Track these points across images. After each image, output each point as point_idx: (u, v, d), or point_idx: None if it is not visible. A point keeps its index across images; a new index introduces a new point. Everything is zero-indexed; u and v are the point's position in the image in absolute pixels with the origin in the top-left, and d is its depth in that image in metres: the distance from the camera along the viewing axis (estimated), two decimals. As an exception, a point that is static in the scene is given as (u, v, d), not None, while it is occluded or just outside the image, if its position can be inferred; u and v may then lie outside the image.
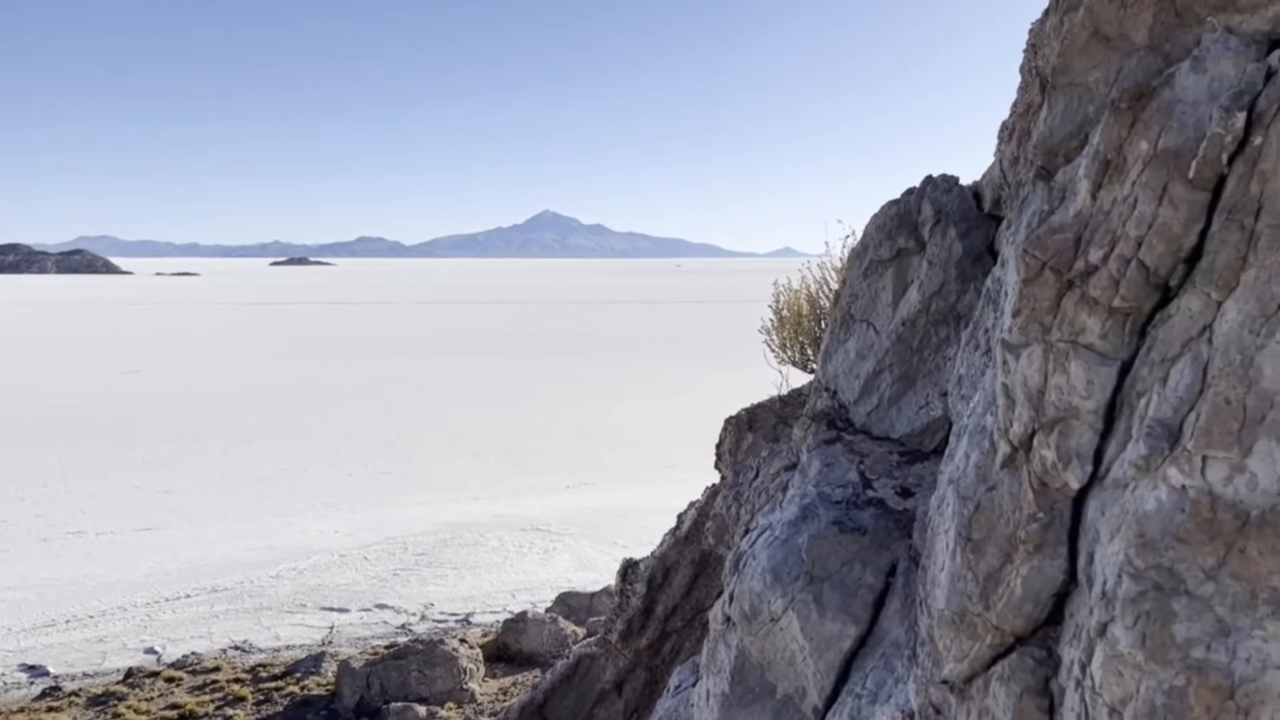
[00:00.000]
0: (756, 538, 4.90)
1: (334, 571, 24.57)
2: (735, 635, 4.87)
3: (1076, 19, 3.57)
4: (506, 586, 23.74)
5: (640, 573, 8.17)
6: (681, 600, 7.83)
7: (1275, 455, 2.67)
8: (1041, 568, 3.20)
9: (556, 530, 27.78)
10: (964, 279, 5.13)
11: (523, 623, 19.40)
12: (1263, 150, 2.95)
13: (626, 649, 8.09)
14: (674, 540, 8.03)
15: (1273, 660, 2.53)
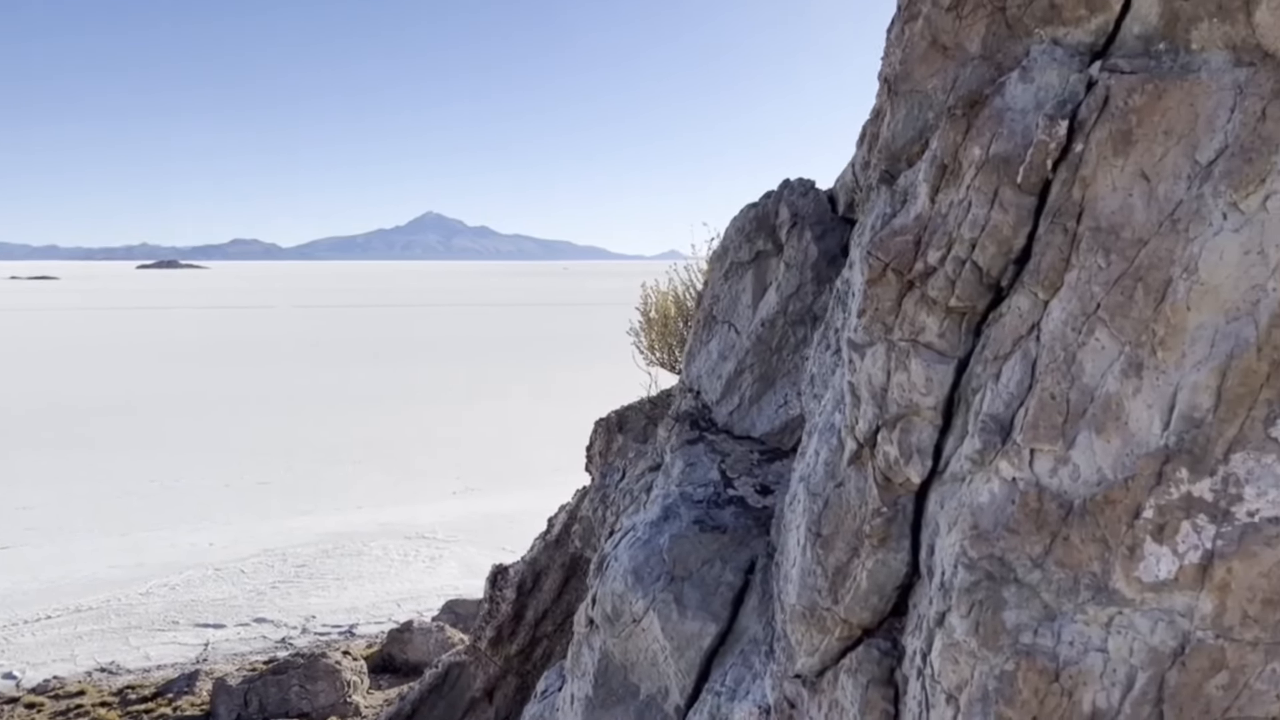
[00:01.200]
0: (620, 539, 4.91)
1: (209, 586, 23.71)
2: (599, 638, 4.88)
3: (916, 28, 3.69)
4: (391, 596, 23.30)
5: (510, 578, 8.13)
6: (552, 605, 7.82)
7: (1095, 447, 2.79)
8: (886, 561, 3.29)
9: (443, 537, 27.40)
10: (820, 280, 5.26)
11: (408, 632, 19.07)
12: (1084, 157, 3.09)
13: (497, 656, 8.04)
14: (544, 544, 8.02)
15: (1094, 643, 2.65)
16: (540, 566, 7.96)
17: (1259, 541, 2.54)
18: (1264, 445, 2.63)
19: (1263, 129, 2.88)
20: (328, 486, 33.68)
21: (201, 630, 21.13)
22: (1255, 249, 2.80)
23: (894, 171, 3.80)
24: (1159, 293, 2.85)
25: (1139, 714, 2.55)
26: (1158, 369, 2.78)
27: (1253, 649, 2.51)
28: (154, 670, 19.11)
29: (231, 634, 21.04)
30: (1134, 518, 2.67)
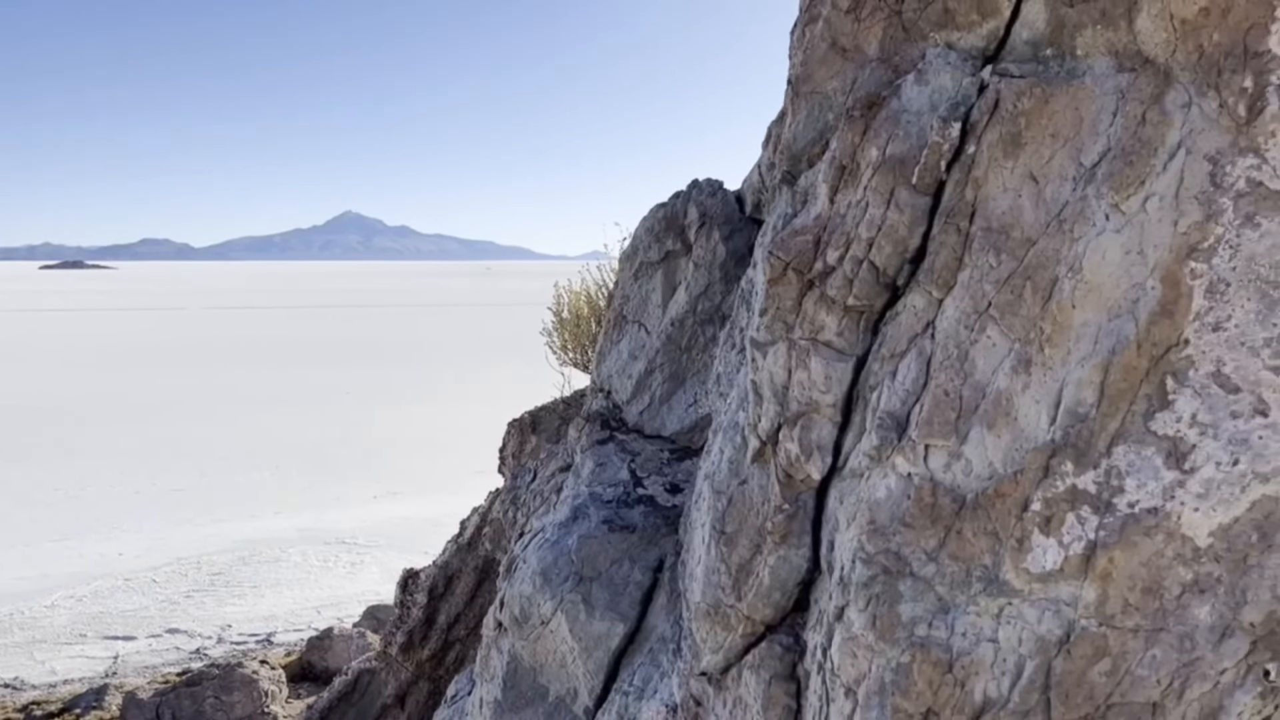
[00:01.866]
0: (529, 541, 4.89)
1: (118, 597, 22.93)
2: (507, 640, 4.85)
3: (816, 30, 3.73)
4: (311, 603, 22.81)
5: (421, 583, 8.04)
6: (465, 609, 7.75)
7: (987, 442, 2.86)
8: (787, 557, 3.32)
9: (364, 542, 26.92)
10: (728, 280, 5.30)
11: (328, 639, 18.69)
12: (976, 158, 3.16)
13: (408, 661, 7.94)
14: (456, 548, 7.95)
15: (985, 634, 2.71)
16: (452, 570, 7.89)
17: (1139, 531, 2.62)
18: (1144, 439, 2.72)
19: (1143, 133, 2.98)
20: (244, 492, 32.87)
21: (110, 643, 20.44)
22: (1135, 249, 2.89)
23: (795, 172, 3.84)
24: (1046, 291, 2.92)
25: (1027, 702, 2.61)
26: (1045, 365, 2.85)
27: (1133, 636, 2.59)
28: (60, 685, 18.43)
29: (142, 646, 20.40)
30: (1022, 510, 2.74)
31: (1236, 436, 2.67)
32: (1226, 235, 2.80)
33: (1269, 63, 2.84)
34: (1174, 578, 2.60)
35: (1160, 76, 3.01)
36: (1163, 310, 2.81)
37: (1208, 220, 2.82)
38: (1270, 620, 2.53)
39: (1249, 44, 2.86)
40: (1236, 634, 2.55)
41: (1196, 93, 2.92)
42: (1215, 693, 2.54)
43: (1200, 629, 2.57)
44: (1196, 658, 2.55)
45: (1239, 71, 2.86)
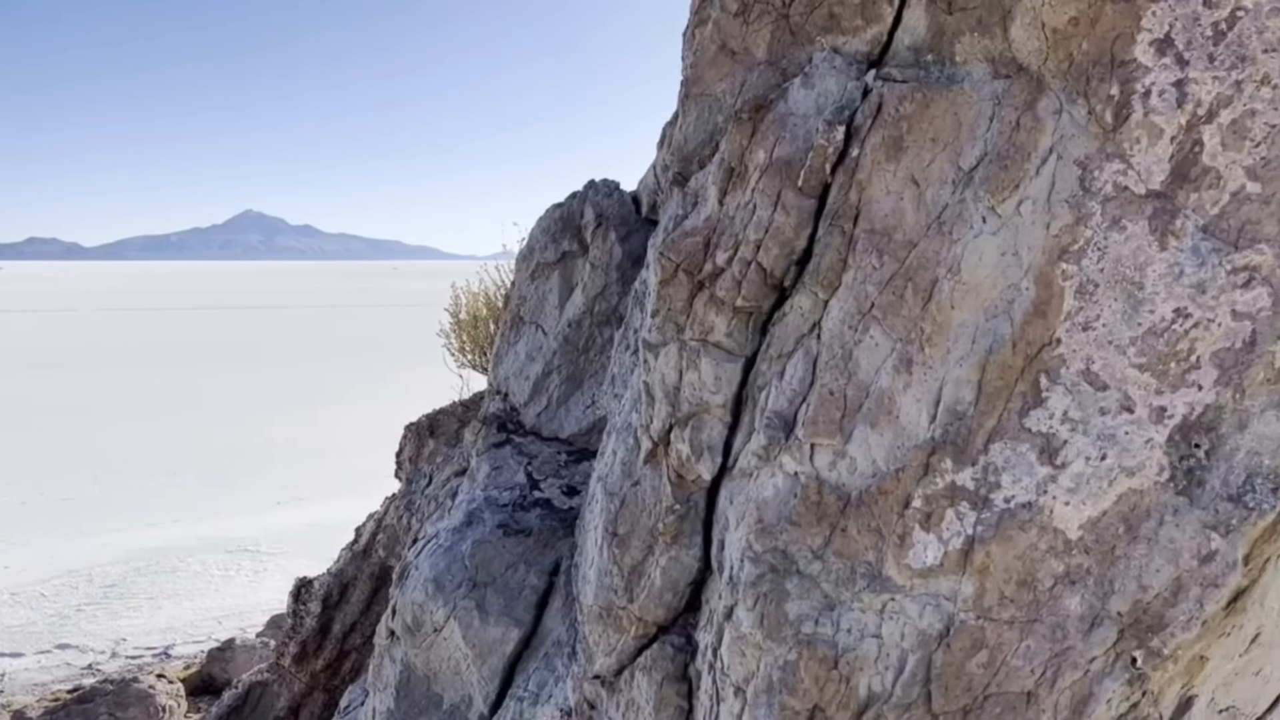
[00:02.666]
0: (422, 547, 4.81)
1: (3, 612, 21.88)
2: (400, 649, 4.77)
3: (706, 32, 3.75)
4: (212, 614, 22.10)
5: (315, 591, 7.87)
6: (360, 617, 7.61)
7: (870, 441, 2.90)
8: (679, 557, 3.33)
9: (267, 550, 26.18)
10: (625, 281, 5.31)
11: (229, 651, 18.13)
12: (860, 161, 3.21)
13: (302, 672, 7.77)
14: (351, 555, 7.80)
15: (869, 629, 2.75)
16: (347, 578, 7.74)
17: (1014, 526, 2.70)
18: (1019, 435, 2.80)
19: (1017, 138, 3.06)
20: (139, 500, 31.69)
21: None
22: (1011, 250, 2.97)
23: (686, 173, 3.86)
24: (926, 292, 2.98)
25: (909, 695, 2.66)
26: (925, 365, 2.91)
27: (1009, 627, 2.66)
28: (-61, 707, 17.56)
29: (31, 662, 19.51)
30: (904, 507, 2.79)
31: (1104, 432, 2.76)
32: (1095, 238, 2.89)
33: (1134, 71, 2.95)
34: (1047, 570, 2.68)
35: (1033, 83, 3.10)
36: (1036, 310, 2.90)
37: (1077, 223, 2.92)
38: (1136, 609, 2.63)
39: (1116, 53, 2.97)
40: (1105, 623, 2.64)
41: (1067, 100, 3.01)
42: (1085, 680, 2.62)
43: (1071, 619, 2.65)
44: (1068, 647, 2.63)
45: (1106, 79, 2.96)
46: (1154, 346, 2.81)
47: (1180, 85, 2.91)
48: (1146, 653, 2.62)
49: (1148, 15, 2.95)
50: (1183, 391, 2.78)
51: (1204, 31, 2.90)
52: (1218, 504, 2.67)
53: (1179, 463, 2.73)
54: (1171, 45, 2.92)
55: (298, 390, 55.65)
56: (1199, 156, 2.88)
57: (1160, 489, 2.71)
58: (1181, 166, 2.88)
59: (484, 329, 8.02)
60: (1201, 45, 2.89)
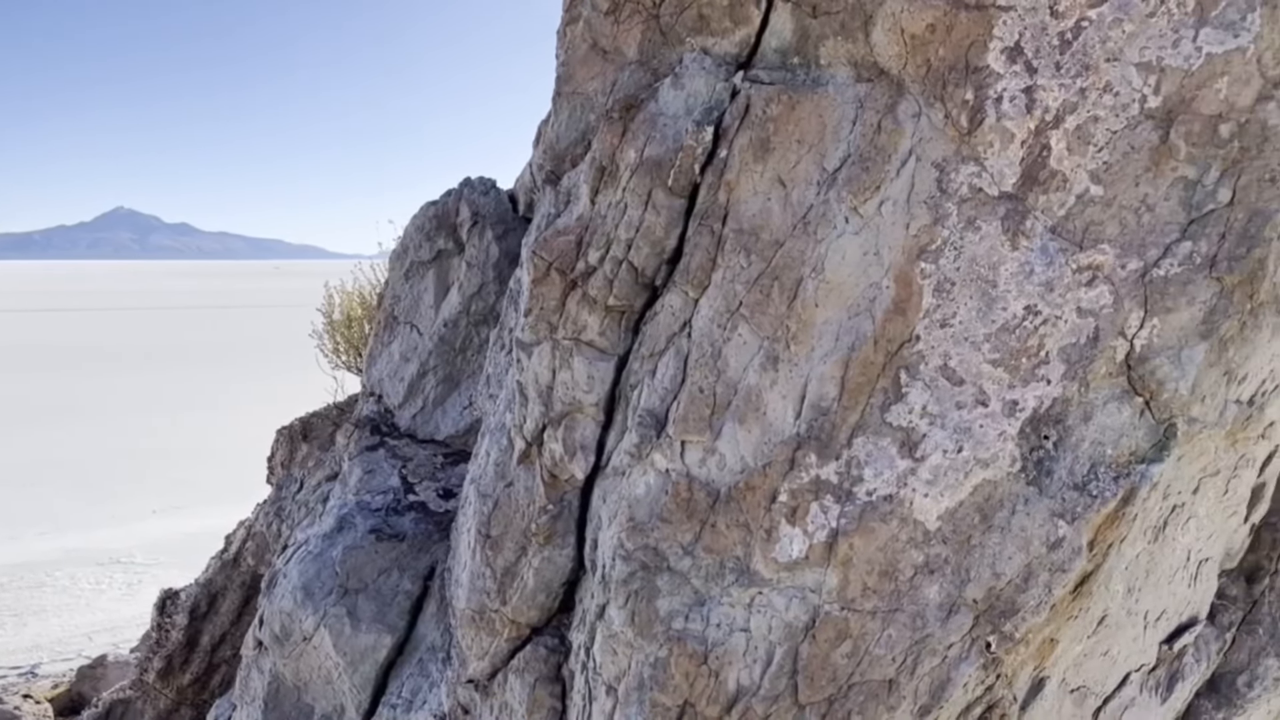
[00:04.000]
0: (291, 554, 4.68)
1: None
2: (268, 660, 4.63)
3: (577, 31, 3.75)
4: (82, 629, 21.00)
5: (181, 602, 7.58)
6: (230, 628, 7.36)
7: (739, 437, 2.93)
8: (552, 558, 3.31)
9: (142, 561, 25.02)
10: (502, 280, 5.26)
11: (101, 667, 17.25)
12: (728, 162, 3.25)
13: (167, 688, 7.47)
14: (220, 564, 7.54)
15: (738, 623, 2.78)
16: (216, 588, 7.47)
17: (876, 518, 2.77)
18: (880, 430, 2.87)
19: (878, 140, 3.14)
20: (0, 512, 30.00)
21: None
22: (872, 250, 3.05)
23: (559, 172, 3.84)
24: (792, 291, 3.04)
25: (776, 687, 2.71)
26: (791, 362, 2.96)
27: (872, 618, 2.73)
28: None
29: (-122, 689, 18.28)
30: (771, 502, 2.84)
31: (961, 425, 2.86)
32: (951, 238, 2.99)
33: (987, 77, 3.06)
34: (907, 560, 2.76)
35: (894, 87, 3.19)
36: (896, 308, 2.98)
37: (935, 224, 3.01)
38: (990, 595, 2.72)
39: (970, 59, 3.08)
40: (961, 610, 2.73)
41: (925, 104, 3.11)
42: (943, 666, 2.71)
43: (930, 607, 2.73)
44: (927, 635, 2.71)
45: (961, 85, 3.06)
46: (1006, 343, 2.92)
47: (1029, 92, 3.03)
48: (1000, 637, 2.72)
49: (999, 24, 3.06)
50: (1033, 386, 2.90)
51: (1051, 41, 3.03)
52: (1064, 493, 2.79)
53: (1029, 454, 2.85)
54: (1021, 53, 3.04)
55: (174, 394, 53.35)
56: (1047, 160, 3.01)
57: (1012, 479, 2.82)
58: (1031, 170, 3.01)
59: (359, 329, 7.84)
60: (1049, 54, 3.02)
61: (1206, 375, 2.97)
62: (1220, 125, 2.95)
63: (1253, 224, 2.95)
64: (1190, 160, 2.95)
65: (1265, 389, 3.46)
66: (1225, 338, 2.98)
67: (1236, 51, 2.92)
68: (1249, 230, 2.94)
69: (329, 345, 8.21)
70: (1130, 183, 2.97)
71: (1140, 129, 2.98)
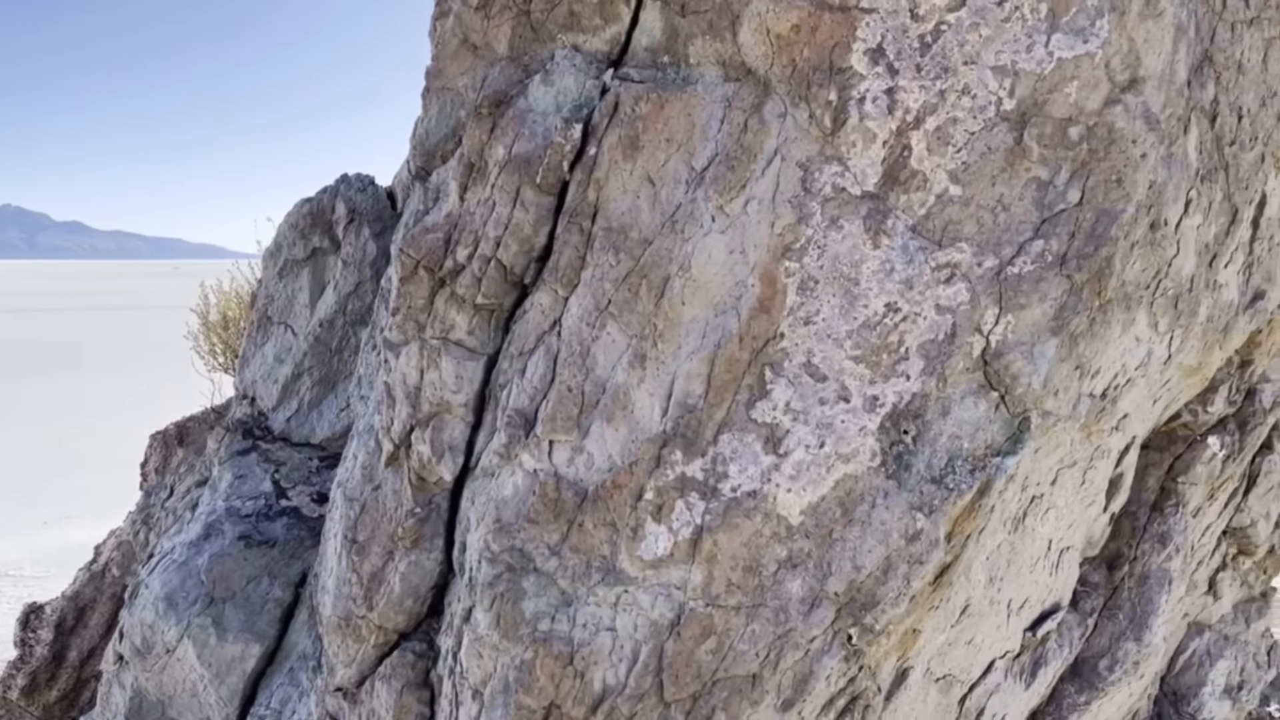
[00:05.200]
0: (155, 564, 4.51)
1: None
2: (130, 674, 4.45)
3: (447, 25, 3.69)
4: (-37, 648, 19.95)
5: (46, 617, 7.25)
6: (100, 642, 7.06)
7: (606, 436, 2.92)
8: (419, 562, 3.25)
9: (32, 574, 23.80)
10: (379, 279, 5.15)
11: (-37, 688, 16.43)
12: (597, 160, 3.23)
13: (32, 706, 7.14)
14: (89, 575, 7.23)
15: (604, 623, 2.77)
16: (85, 600, 7.16)
17: (740, 514, 2.78)
18: (746, 426, 2.89)
19: (745, 139, 3.17)
20: None
21: None
22: (738, 249, 3.07)
23: (429, 168, 3.78)
24: (659, 289, 3.04)
25: (641, 686, 2.70)
26: (658, 360, 2.96)
27: (736, 613, 2.74)
28: None
29: None
30: (637, 500, 2.83)
31: (823, 421, 2.90)
32: (815, 236, 3.03)
33: (850, 78, 3.11)
34: (771, 555, 2.78)
35: (760, 87, 3.22)
36: (761, 306, 3.01)
37: (799, 223, 3.05)
38: (851, 589, 2.77)
39: (834, 60, 3.12)
40: (823, 604, 2.76)
41: (791, 104, 3.14)
42: (806, 660, 2.74)
43: (793, 602, 2.76)
44: (790, 629, 2.74)
45: (825, 85, 3.10)
46: (868, 339, 2.97)
47: (891, 93, 3.09)
48: (861, 629, 2.77)
49: (862, 25, 3.11)
50: (893, 381, 2.96)
51: (912, 43, 3.09)
52: (923, 486, 2.85)
53: (889, 448, 2.90)
54: (883, 55, 3.10)
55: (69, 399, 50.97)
56: (908, 160, 3.07)
57: (873, 474, 2.87)
58: (892, 170, 3.07)
59: (236, 330, 7.61)
60: (910, 56, 3.08)
61: (1058, 370, 3.07)
62: (1070, 128, 3.06)
63: (1100, 223, 3.06)
64: (1043, 161, 3.05)
65: (1117, 383, 3.60)
66: (1076, 333, 3.09)
67: (1086, 56, 3.03)
68: (1096, 229, 3.05)
69: (205, 347, 7.96)
70: (987, 183, 3.05)
71: (996, 130, 3.06)
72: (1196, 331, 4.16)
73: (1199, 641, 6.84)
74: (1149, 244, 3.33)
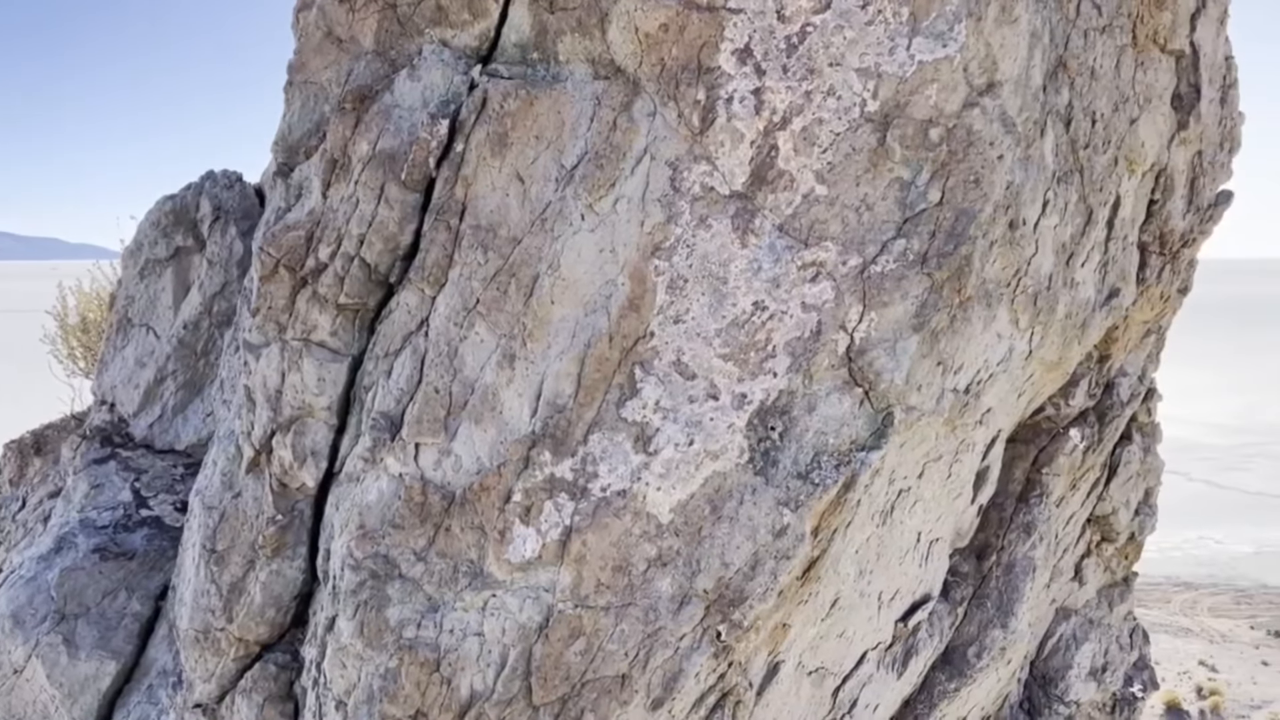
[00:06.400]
0: (2, 581, 4.27)
1: None
2: (-27, 697, 4.20)
3: (311, 17, 3.58)
4: None
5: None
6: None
7: (475, 437, 2.87)
8: (281, 570, 3.15)
9: None
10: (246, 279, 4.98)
11: None
12: (465, 157, 3.18)
13: None
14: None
15: (472, 628, 2.72)
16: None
17: (609, 513, 2.76)
18: (616, 425, 2.88)
19: (614, 138, 3.15)
20: None
21: None
22: (608, 247, 3.05)
23: (291, 164, 3.66)
24: (529, 288, 3.00)
25: (510, 690, 2.66)
26: (527, 360, 2.93)
27: (605, 614, 2.73)
28: None
29: None
30: (505, 502, 2.79)
31: (692, 419, 2.90)
32: (684, 235, 3.03)
33: (718, 78, 3.12)
34: (640, 554, 2.77)
35: (630, 86, 3.20)
36: (631, 305, 3.00)
37: (669, 222, 3.05)
38: (720, 585, 2.78)
39: (702, 60, 3.13)
40: (693, 601, 2.77)
41: (660, 103, 3.14)
42: (676, 658, 2.74)
43: (662, 600, 2.76)
44: (659, 628, 2.74)
45: (693, 85, 3.11)
46: (736, 337, 2.99)
47: (758, 93, 3.11)
48: (729, 625, 2.78)
49: (730, 26, 3.13)
50: (761, 379, 2.98)
51: (778, 44, 3.12)
52: (789, 481, 2.88)
53: (757, 445, 2.92)
54: (751, 55, 3.12)
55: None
56: (775, 161, 3.10)
57: (741, 470, 2.88)
58: (760, 170, 3.09)
59: (97, 333, 7.26)
60: (776, 57, 3.11)
61: (920, 366, 3.14)
62: (930, 129, 3.13)
63: (959, 223, 3.14)
64: (904, 162, 3.11)
65: (980, 378, 3.70)
66: (937, 330, 3.16)
67: (945, 60, 3.10)
68: (956, 229, 3.13)
69: (64, 351, 7.56)
70: (852, 183, 3.10)
71: (861, 131, 3.12)
72: (1056, 328, 4.31)
73: (1066, 626, 7.13)
74: (1008, 243, 3.43)
